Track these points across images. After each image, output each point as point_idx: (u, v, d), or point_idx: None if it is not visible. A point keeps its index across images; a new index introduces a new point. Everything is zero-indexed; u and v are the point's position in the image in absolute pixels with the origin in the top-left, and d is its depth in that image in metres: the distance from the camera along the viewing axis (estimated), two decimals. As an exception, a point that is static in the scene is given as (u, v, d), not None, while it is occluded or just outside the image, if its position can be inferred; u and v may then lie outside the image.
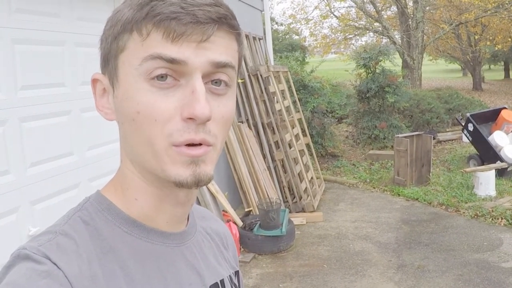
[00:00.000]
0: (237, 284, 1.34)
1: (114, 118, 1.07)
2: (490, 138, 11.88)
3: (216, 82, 1.01)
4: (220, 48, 1.00)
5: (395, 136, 12.15)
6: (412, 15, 25.99)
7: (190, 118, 0.95)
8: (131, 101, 0.98)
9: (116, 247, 1.04)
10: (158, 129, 0.97)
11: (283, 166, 9.87)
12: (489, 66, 56.78)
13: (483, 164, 11.57)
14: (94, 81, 1.09)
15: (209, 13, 0.96)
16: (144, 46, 0.96)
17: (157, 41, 0.95)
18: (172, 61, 0.95)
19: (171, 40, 0.95)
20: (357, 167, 13.55)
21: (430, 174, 11.55)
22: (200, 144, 0.98)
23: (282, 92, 10.66)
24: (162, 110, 0.96)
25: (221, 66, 1.00)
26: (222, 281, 1.24)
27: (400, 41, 26.99)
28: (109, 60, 1.04)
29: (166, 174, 0.99)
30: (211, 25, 0.97)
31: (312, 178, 10.78)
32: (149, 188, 1.08)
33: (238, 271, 1.39)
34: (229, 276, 1.30)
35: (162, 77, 0.96)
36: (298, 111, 11.70)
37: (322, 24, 33.56)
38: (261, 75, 9.58)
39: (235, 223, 7.91)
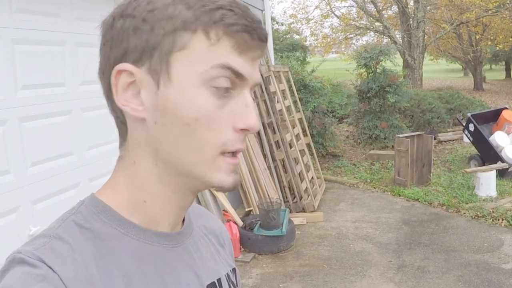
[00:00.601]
0: (234, 282, 1.33)
1: (144, 116, 1.02)
2: (491, 139, 11.88)
3: None
4: (258, 66, 1.05)
5: (396, 136, 12.16)
6: (413, 15, 26.00)
7: (244, 130, 1.00)
8: (189, 106, 0.98)
9: (114, 249, 1.03)
10: (213, 138, 0.99)
11: (283, 166, 9.88)
12: (490, 66, 56.82)
13: (484, 165, 11.56)
14: (119, 72, 1.02)
15: (264, 32, 1.01)
16: (211, 51, 0.97)
17: (226, 50, 0.97)
18: (238, 74, 0.98)
19: (239, 52, 0.97)
20: (358, 167, 13.55)
21: (431, 174, 11.54)
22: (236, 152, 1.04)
23: (283, 91, 10.67)
24: (220, 120, 0.98)
25: (258, 84, 1.07)
26: (219, 280, 1.24)
27: (401, 40, 27.01)
28: (154, 53, 0.98)
29: (209, 179, 1.03)
30: (265, 44, 1.02)
31: (312, 178, 10.78)
32: (165, 191, 1.08)
33: (235, 268, 1.38)
34: (227, 274, 1.30)
35: (226, 88, 0.98)
36: (299, 111, 11.71)
37: (323, 23, 33.58)
38: (261, 75, 9.57)
39: (235, 222, 7.91)
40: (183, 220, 1.22)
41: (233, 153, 1.02)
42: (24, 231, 4.46)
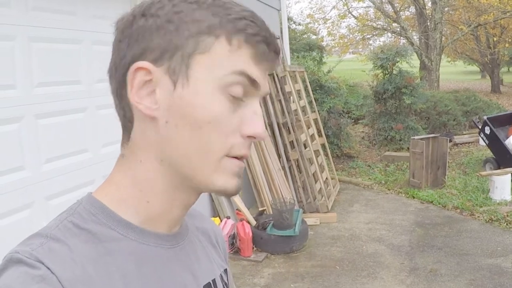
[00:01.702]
0: (226, 282, 1.34)
1: (157, 115, 1.02)
2: (506, 142, 11.79)
3: None
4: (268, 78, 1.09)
5: (411, 138, 12.14)
6: (430, 16, 25.92)
7: (251, 136, 1.03)
8: (204, 108, 0.99)
9: (112, 250, 1.03)
10: (222, 141, 1.01)
11: (298, 166, 9.87)
12: (508, 69, 56.40)
13: (499, 168, 11.49)
14: (138, 70, 1.02)
15: (278, 46, 1.05)
16: (231, 58, 0.99)
17: (245, 58, 1.00)
18: (253, 82, 1.01)
19: (256, 61, 1.01)
20: (373, 169, 13.53)
21: (446, 177, 11.49)
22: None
23: (298, 92, 10.67)
24: (230, 125, 1.01)
25: (267, 94, 1.11)
26: (214, 281, 1.25)
27: (418, 42, 26.93)
28: (175, 54, 0.99)
29: (213, 181, 1.04)
30: (278, 57, 1.07)
31: (327, 178, 10.76)
32: (169, 191, 1.08)
33: (226, 268, 1.39)
34: (220, 274, 1.31)
35: (240, 94, 1.01)
36: (314, 111, 11.70)
37: (340, 24, 33.46)
38: (277, 75, 9.59)
39: (248, 222, 7.92)
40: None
41: (239, 158, 1.04)
42: (37, 227, 4.39)
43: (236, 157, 1.03)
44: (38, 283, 0.89)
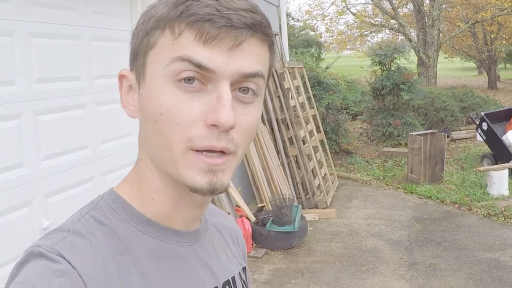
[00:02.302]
0: (245, 280, 1.33)
1: (137, 115, 1.06)
2: (504, 137, 11.82)
3: (243, 90, 0.99)
4: (252, 57, 0.99)
5: (409, 133, 12.17)
6: (428, 13, 25.86)
7: (214, 125, 0.94)
8: (155, 101, 0.97)
9: (131, 246, 1.03)
10: (179, 133, 0.96)
11: (296, 162, 9.87)
12: (505, 65, 56.21)
13: (496, 163, 11.51)
14: (121, 77, 1.07)
15: (244, 18, 0.95)
16: (174, 45, 0.95)
17: (188, 42, 0.94)
18: (200, 66, 0.94)
19: (203, 42, 0.93)
20: (371, 164, 13.54)
21: (444, 172, 11.51)
22: (221, 152, 0.97)
23: (297, 88, 10.67)
24: (185, 114, 0.95)
25: (251, 76, 0.99)
26: (233, 278, 1.25)
27: (416, 38, 26.91)
28: (138, 57, 1.02)
29: (182, 178, 0.99)
30: (244, 31, 0.95)
31: (325, 174, 10.78)
32: (167, 189, 1.07)
33: (245, 267, 1.38)
34: (239, 272, 1.30)
35: (189, 80, 0.95)
36: (313, 107, 11.70)
37: (338, 20, 33.31)
38: (276, 71, 9.58)
39: (247, 218, 7.93)
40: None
41: (208, 151, 0.96)
42: (37, 224, 4.48)
43: (205, 150, 0.96)
44: (59, 277, 0.89)
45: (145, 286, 1.02)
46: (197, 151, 0.96)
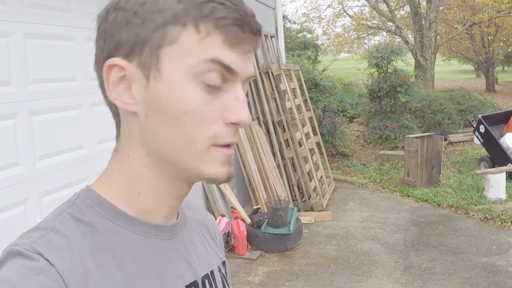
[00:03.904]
0: (224, 274, 1.34)
1: (135, 109, 1.03)
2: (501, 140, 11.84)
3: None
4: (252, 60, 1.04)
5: (406, 136, 12.14)
6: (425, 15, 25.93)
7: (234, 123, 1.00)
8: (179, 100, 0.98)
9: (110, 241, 1.03)
10: (204, 131, 0.99)
11: (292, 164, 9.89)
12: (503, 68, 56.49)
13: (494, 167, 11.53)
14: (110, 67, 1.03)
15: (257, 25, 1.00)
16: (202, 45, 0.96)
17: (217, 44, 0.96)
18: (228, 69, 0.97)
19: (230, 46, 0.97)
20: (367, 167, 13.56)
21: (440, 175, 11.53)
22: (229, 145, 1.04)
23: (293, 90, 10.66)
24: (209, 114, 0.99)
25: (251, 77, 1.06)
26: (212, 272, 1.26)
27: (413, 40, 26.95)
28: (144, 48, 0.99)
29: (204, 171, 1.02)
30: (259, 38, 1.02)
31: (321, 177, 10.77)
32: (159, 182, 1.08)
33: (225, 261, 1.39)
34: (218, 266, 1.31)
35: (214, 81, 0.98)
36: (309, 110, 11.71)
37: (335, 23, 33.42)
38: (272, 73, 9.59)
39: (243, 220, 7.93)
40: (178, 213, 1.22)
41: (226, 146, 1.03)
42: (31, 223, 4.42)
43: (223, 145, 1.02)
44: (37, 275, 0.89)
45: (125, 281, 1.01)
46: (217, 146, 1.01)
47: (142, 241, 1.08)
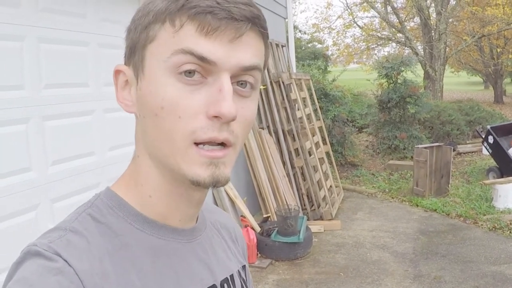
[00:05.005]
0: (245, 279, 1.33)
1: (134, 110, 1.06)
2: (510, 151, 11.81)
3: (241, 84, 1.00)
4: (250, 49, 1.00)
5: (415, 146, 12.14)
6: (435, 27, 25.88)
7: (216, 117, 0.95)
8: (155, 95, 0.98)
9: (128, 244, 1.04)
10: (181, 126, 0.96)
11: (302, 173, 9.88)
12: (511, 79, 56.34)
13: (502, 177, 11.49)
14: (117, 72, 1.09)
15: (243, 11, 0.96)
16: (176, 38, 0.96)
17: (190, 35, 0.95)
18: (202, 59, 0.94)
19: (204, 34, 0.94)
20: (376, 177, 13.52)
21: (449, 185, 11.49)
22: (222, 145, 0.99)
23: (304, 99, 10.67)
24: (187, 107, 0.96)
25: (250, 69, 1.00)
26: (231, 276, 1.25)
27: (422, 52, 26.91)
28: (136, 51, 1.03)
29: (184, 172, 0.99)
30: (244, 23, 0.97)
31: (331, 186, 10.77)
32: (165, 185, 1.08)
33: (245, 265, 1.38)
34: (238, 270, 1.31)
35: (190, 72, 0.95)
36: (319, 119, 11.70)
37: (345, 33, 33.32)
38: (283, 82, 9.61)
39: (253, 228, 7.93)
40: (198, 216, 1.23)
41: (210, 144, 0.98)
42: (42, 229, 4.44)
43: (207, 143, 0.97)
44: (55, 275, 0.90)
45: (142, 284, 1.02)
46: (199, 145, 0.97)
47: (160, 244, 1.09)
